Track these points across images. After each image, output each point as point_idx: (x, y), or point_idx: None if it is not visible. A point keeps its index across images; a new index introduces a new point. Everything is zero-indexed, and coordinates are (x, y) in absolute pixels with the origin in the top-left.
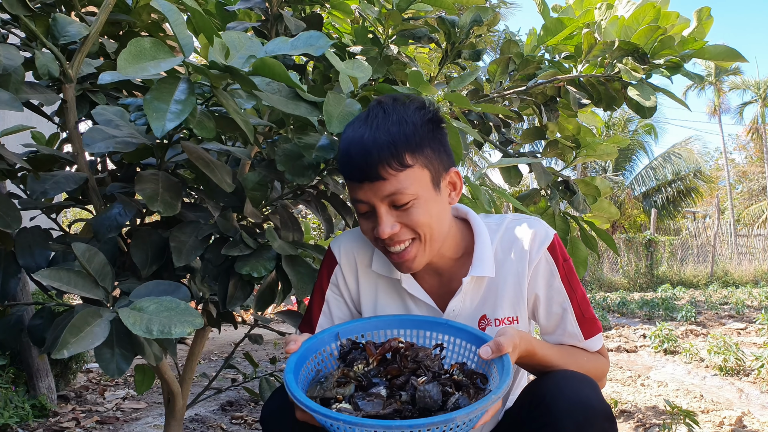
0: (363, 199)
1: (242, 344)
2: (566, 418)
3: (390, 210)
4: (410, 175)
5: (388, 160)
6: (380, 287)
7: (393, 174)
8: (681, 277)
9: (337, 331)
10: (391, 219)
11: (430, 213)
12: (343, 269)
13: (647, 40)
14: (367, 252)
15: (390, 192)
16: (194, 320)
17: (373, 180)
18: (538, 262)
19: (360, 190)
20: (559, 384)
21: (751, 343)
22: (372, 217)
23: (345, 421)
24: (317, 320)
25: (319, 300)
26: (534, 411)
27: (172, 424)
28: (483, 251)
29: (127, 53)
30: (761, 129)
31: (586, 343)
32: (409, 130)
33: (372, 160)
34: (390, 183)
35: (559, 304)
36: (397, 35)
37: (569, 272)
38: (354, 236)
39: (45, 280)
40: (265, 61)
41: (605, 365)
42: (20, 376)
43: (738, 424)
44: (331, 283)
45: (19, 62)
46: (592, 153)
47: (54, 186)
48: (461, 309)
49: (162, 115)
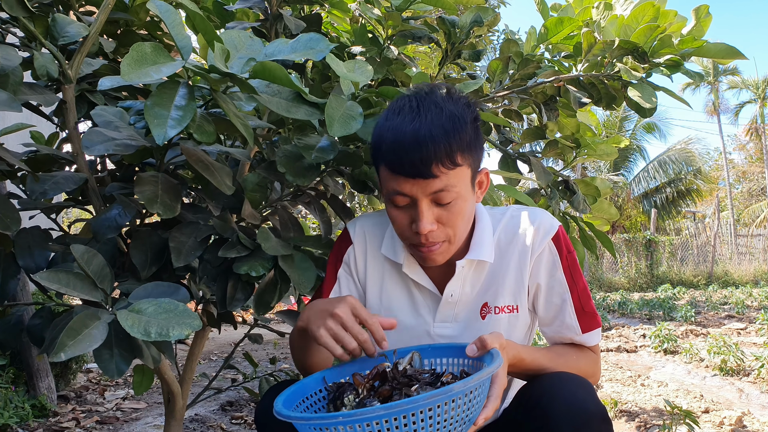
0: (407, 192)
1: (242, 344)
2: (562, 421)
3: (431, 206)
4: (458, 174)
5: (443, 159)
6: (386, 272)
7: (444, 172)
8: (681, 277)
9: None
10: (432, 215)
11: (464, 212)
12: (356, 249)
13: (647, 39)
14: (379, 234)
15: (438, 189)
16: (192, 322)
17: (424, 177)
18: (541, 252)
19: (406, 184)
20: (555, 386)
21: (751, 343)
22: (409, 210)
23: (345, 416)
24: (327, 297)
25: (331, 279)
26: (530, 413)
27: (172, 424)
28: (482, 236)
29: (130, 59)
30: (761, 129)
31: (583, 337)
32: (462, 128)
33: (428, 157)
34: (440, 180)
35: (559, 295)
36: (396, 35)
37: (572, 264)
38: (371, 219)
39: (44, 282)
40: (265, 65)
41: (597, 362)
42: (20, 376)
43: (738, 424)
44: (343, 262)
45: (18, 62)
46: (592, 153)
47: (54, 186)
48: (461, 294)
49: (163, 122)
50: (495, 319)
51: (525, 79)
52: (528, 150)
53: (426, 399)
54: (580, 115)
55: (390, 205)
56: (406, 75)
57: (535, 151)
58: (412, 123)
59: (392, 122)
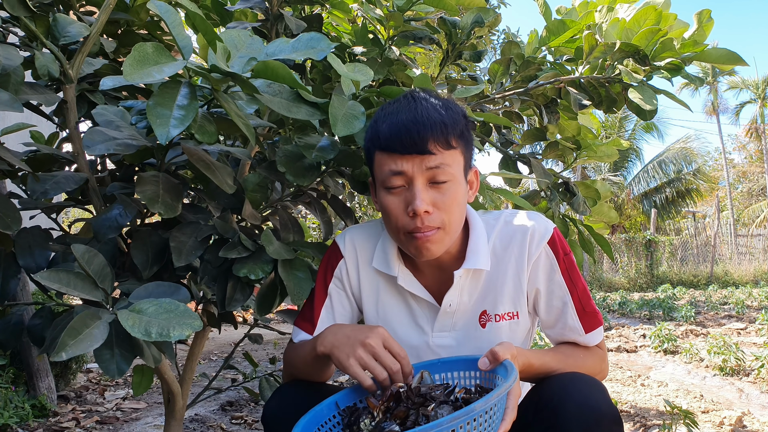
0: (403, 170)
1: (242, 344)
2: (574, 422)
3: (426, 187)
4: (453, 156)
5: (438, 137)
6: (381, 286)
7: (440, 151)
8: (681, 277)
9: (335, 401)
10: (428, 196)
11: (458, 198)
12: (347, 263)
13: (648, 42)
14: (370, 248)
15: (434, 165)
16: (193, 323)
17: (421, 152)
18: (538, 257)
19: (402, 161)
20: (567, 387)
21: (751, 343)
22: (404, 193)
23: None
24: (319, 315)
25: (321, 294)
26: (540, 413)
27: (172, 424)
28: (477, 244)
29: (132, 59)
30: (761, 129)
31: (586, 337)
32: (456, 117)
33: (424, 133)
34: (436, 157)
35: (559, 298)
36: (398, 36)
37: (570, 266)
38: (360, 231)
39: (44, 282)
40: (267, 64)
41: (604, 359)
42: (20, 376)
43: (738, 424)
44: (335, 276)
45: (19, 62)
46: (593, 154)
47: (54, 186)
48: (459, 304)
49: (165, 122)
50: (496, 327)
51: (526, 81)
52: (528, 151)
53: (449, 421)
54: (582, 118)
55: (384, 193)
56: (407, 76)
57: (535, 153)
58: (408, 109)
59: (388, 111)
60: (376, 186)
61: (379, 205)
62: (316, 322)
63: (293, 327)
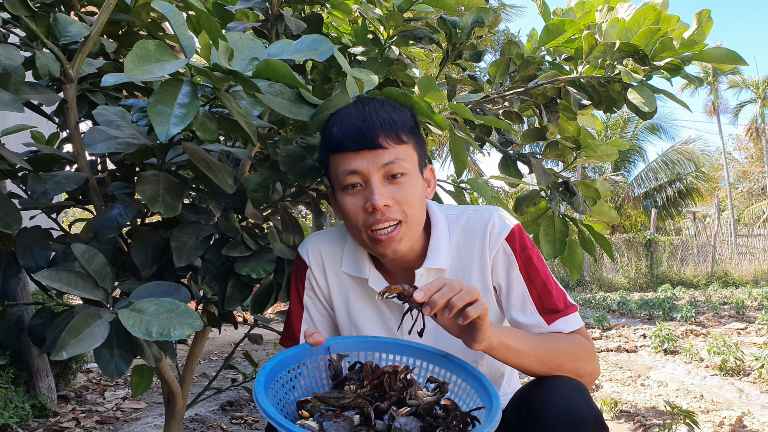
0: (358, 169)
1: (242, 344)
2: (556, 428)
3: (383, 182)
4: (406, 150)
5: (388, 132)
6: (350, 289)
7: (392, 145)
8: (681, 277)
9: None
10: (385, 191)
11: (416, 193)
12: (314, 272)
13: (648, 42)
14: (336, 253)
15: (388, 160)
16: (194, 322)
17: (373, 148)
18: (497, 253)
19: (356, 159)
20: (548, 392)
21: (751, 343)
22: (362, 192)
23: None
24: (299, 329)
25: (297, 308)
26: (524, 420)
27: (172, 424)
28: (438, 242)
29: (133, 56)
30: (761, 129)
31: (550, 328)
32: (404, 115)
33: (374, 129)
34: (389, 152)
35: (518, 295)
36: (398, 36)
37: (528, 262)
38: (322, 238)
39: (45, 281)
40: (269, 62)
41: (587, 344)
42: (20, 376)
43: (738, 424)
44: (306, 288)
45: (20, 62)
46: (592, 154)
47: (54, 186)
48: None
49: (166, 119)
50: None
51: (525, 81)
52: (528, 151)
53: None
54: (583, 120)
55: (342, 195)
56: (407, 75)
57: (535, 153)
58: (357, 111)
59: (338, 116)
60: (335, 192)
61: (339, 210)
62: (299, 337)
63: (279, 346)
